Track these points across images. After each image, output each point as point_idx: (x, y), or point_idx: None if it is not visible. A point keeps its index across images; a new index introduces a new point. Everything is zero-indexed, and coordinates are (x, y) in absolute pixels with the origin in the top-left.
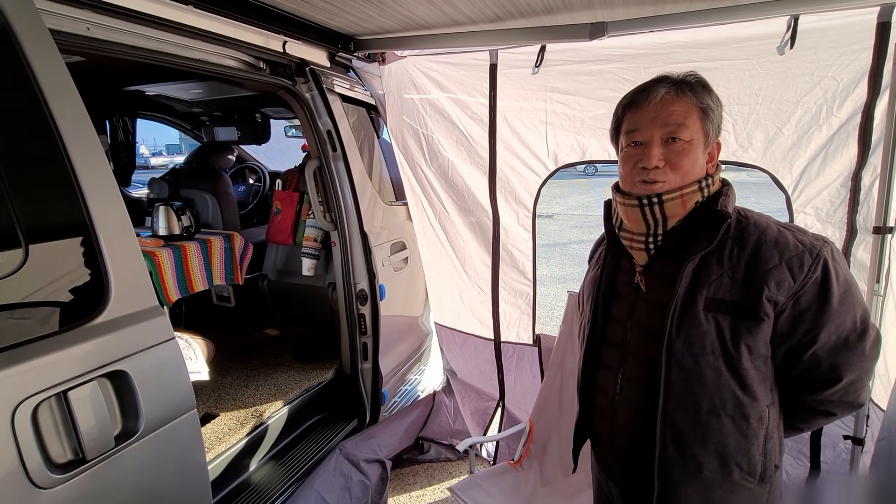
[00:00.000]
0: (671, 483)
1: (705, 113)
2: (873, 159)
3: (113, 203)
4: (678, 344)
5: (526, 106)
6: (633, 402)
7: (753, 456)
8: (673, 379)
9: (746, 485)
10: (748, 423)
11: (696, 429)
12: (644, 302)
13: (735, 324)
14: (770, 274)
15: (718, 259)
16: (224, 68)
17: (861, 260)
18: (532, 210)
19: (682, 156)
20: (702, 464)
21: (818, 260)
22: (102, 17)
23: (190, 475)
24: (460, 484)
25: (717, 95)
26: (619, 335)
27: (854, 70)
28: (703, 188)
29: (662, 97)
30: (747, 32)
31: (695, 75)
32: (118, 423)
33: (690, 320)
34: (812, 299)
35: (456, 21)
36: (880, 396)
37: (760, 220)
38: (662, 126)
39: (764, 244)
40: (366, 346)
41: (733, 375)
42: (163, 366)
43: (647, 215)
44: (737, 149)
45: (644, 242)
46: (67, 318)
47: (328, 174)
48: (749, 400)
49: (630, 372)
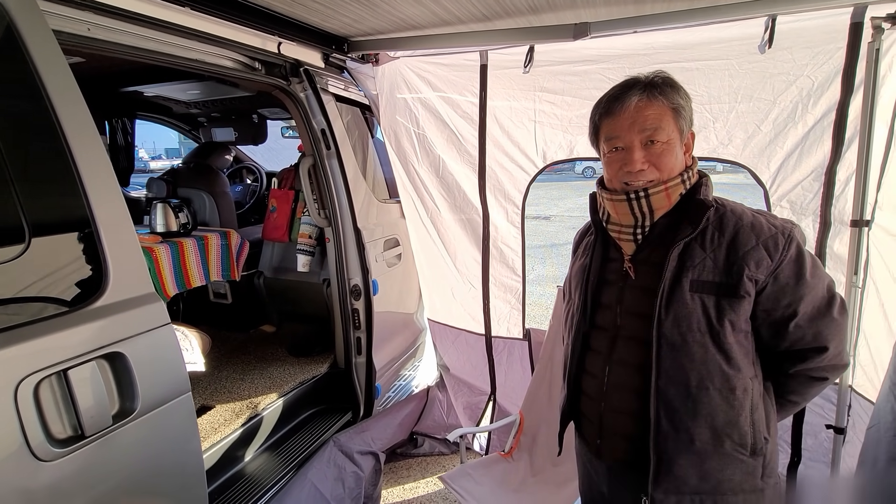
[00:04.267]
0: (666, 455)
1: (677, 112)
2: (848, 155)
3: (112, 196)
4: (667, 324)
5: (515, 105)
6: (623, 383)
7: (742, 426)
8: (663, 357)
9: (739, 456)
10: (734, 395)
11: (687, 402)
12: (633, 288)
13: (719, 302)
14: (749, 255)
15: (701, 244)
16: (220, 68)
17: (838, 252)
18: (521, 207)
19: (663, 156)
20: (694, 435)
21: (791, 239)
22: (102, 18)
23: (185, 456)
24: (451, 473)
25: (685, 91)
26: (608, 321)
27: (828, 69)
28: (685, 180)
29: (636, 105)
30: (727, 34)
31: (661, 76)
32: (116, 402)
33: (678, 301)
34: (790, 274)
35: (445, 21)
36: (865, 387)
37: (736, 207)
38: (640, 131)
39: (742, 228)
40: (359, 340)
41: (719, 350)
42: (158, 349)
43: (634, 209)
44: (718, 145)
45: (632, 234)
46: (68, 301)
47: (322, 172)
48: (734, 372)
49: (619, 355)
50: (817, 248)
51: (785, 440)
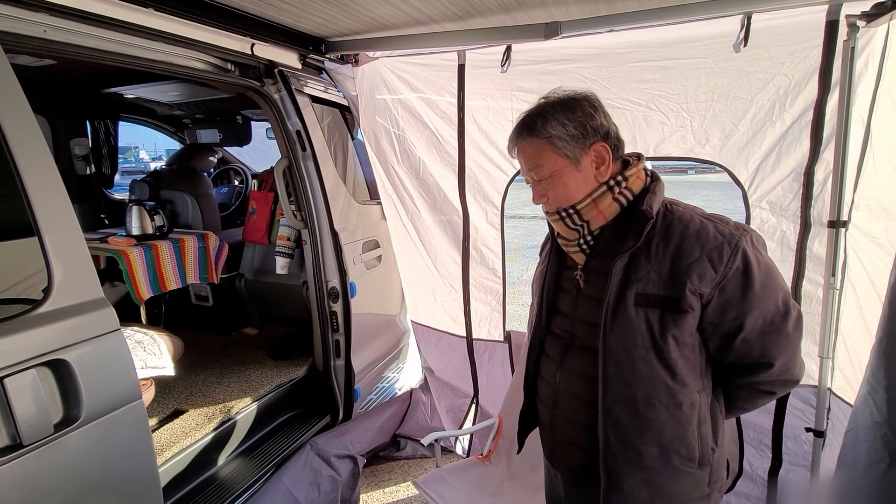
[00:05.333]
0: (616, 474)
1: (552, 143)
2: (826, 154)
3: (57, 200)
4: (612, 338)
5: (492, 105)
6: (574, 393)
7: (690, 441)
8: (610, 373)
9: (687, 470)
10: (681, 410)
11: (635, 420)
12: (584, 297)
13: (663, 317)
14: (692, 267)
15: (646, 255)
16: (191, 70)
17: (817, 253)
18: (500, 208)
19: (551, 189)
20: (642, 453)
21: (737, 249)
22: (59, 20)
23: (137, 463)
24: (425, 478)
25: (562, 114)
26: (564, 328)
27: (805, 67)
28: (613, 186)
29: (516, 149)
30: (703, 32)
31: (537, 108)
32: (59, 410)
33: (622, 316)
34: (736, 287)
35: (418, 21)
36: (844, 390)
37: (685, 214)
38: (528, 170)
39: (686, 238)
40: (338, 343)
41: (664, 366)
42: (106, 356)
43: (569, 224)
44: (695, 145)
45: (578, 245)
46: (6, 308)
47: (298, 173)
48: (679, 387)
49: (572, 364)
50: (797, 250)
51: (766, 444)
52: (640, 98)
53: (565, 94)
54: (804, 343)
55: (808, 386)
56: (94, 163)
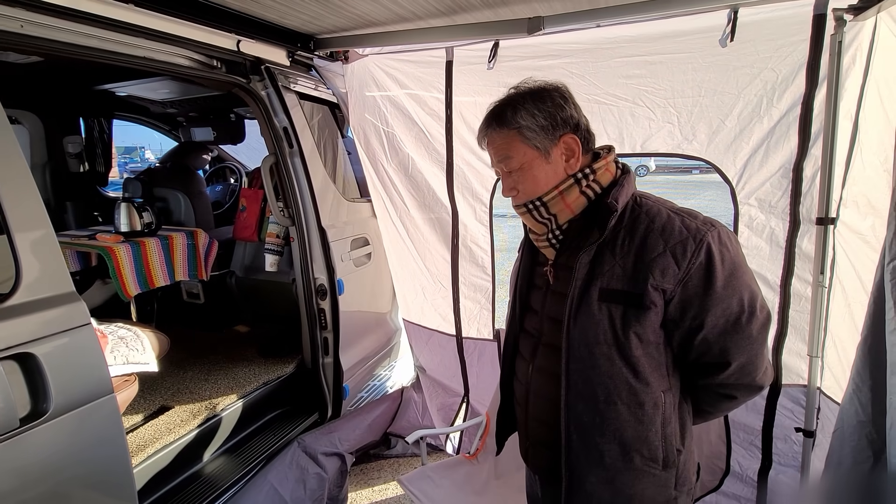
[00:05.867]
0: (577, 472)
1: (522, 133)
2: (814, 150)
3: (26, 194)
4: (574, 334)
5: (480, 101)
6: (542, 391)
7: (652, 442)
8: (572, 370)
9: (650, 471)
10: (643, 410)
11: (596, 418)
12: (553, 293)
13: (626, 313)
14: (655, 262)
15: (612, 249)
16: (174, 66)
17: (807, 251)
18: (489, 205)
19: (522, 180)
20: (603, 452)
21: (701, 245)
22: (35, 15)
23: (108, 458)
24: (410, 476)
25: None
26: (534, 326)
27: (792, 62)
28: (580, 179)
29: (486, 140)
30: (690, 26)
31: (506, 99)
32: (27, 404)
33: (585, 311)
34: (697, 284)
35: (403, 17)
36: (833, 389)
37: (653, 207)
38: (498, 162)
39: (651, 232)
40: (326, 340)
41: (625, 363)
42: (76, 350)
43: (537, 217)
44: (682, 141)
45: (547, 239)
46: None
47: (284, 170)
48: (642, 387)
49: (540, 362)
50: (787, 248)
51: (755, 445)
52: (626, 93)
53: (536, 84)
54: (794, 342)
55: (797, 385)
56: (87, 160)
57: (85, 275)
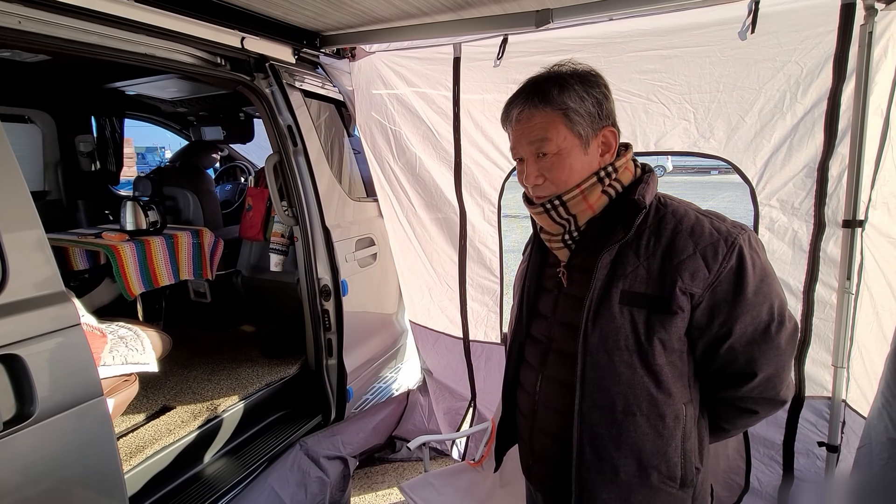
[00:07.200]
0: (588, 488)
1: (567, 116)
2: (841, 148)
3: (14, 193)
4: (593, 339)
5: (488, 98)
6: (552, 402)
7: (671, 458)
8: (588, 377)
9: (666, 489)
10: (664, 422)
11: (612, 429)
12: (566, 297)
13: (650, 318)
14: (684, 264)
15: (636, 250)
16: (177, 64)
17: (832, 255)
18: (497, 205)
19: (554, 169)
20: (618, 467)
21: (733, 248)
22: (34, 11)
23: (98, 463)
24: (411, 483)
25: (580, 87)
26: (543, 331)
27: (818, 54)
28: (604, 178)
29: (518, 116)
30: (707, 18)
31: (550, 75)
32: (11, 406)
33: (605, 315)
34: (728, 289)
35: (408, 13)
36: (859, 402)
37: (679, 208)
38: (530, 143)
39: (679, 233)
40: (330, 342)
41: (647, 372)
42: (64, 351)
43: (555, 218)
44: (698, 139)
45: (562, 240)
46: None
47: (289, 169)
48: (664, 397)
49: (551, 371)
50: (811, 252)
51: (776, 460)
52: (640, 89)
53: (581, 67)
54: (817, 351)
55: (821, 398)
56: (99, 159)
57: (94, 273)
